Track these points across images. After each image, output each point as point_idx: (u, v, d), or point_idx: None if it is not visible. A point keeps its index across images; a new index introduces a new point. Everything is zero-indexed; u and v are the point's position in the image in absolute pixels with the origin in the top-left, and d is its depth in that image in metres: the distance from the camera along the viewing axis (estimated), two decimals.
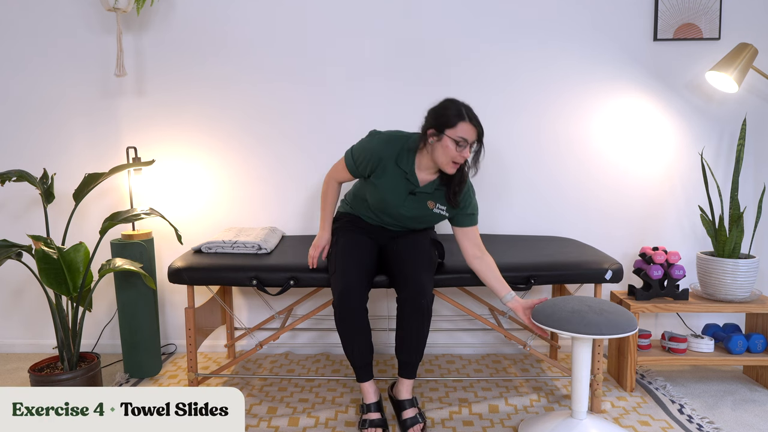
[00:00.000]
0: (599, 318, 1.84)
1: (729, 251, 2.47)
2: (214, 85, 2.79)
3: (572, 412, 2.01)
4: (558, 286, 2.73)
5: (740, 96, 2.76)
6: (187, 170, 2.85)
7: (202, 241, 2.42)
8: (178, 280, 2.20)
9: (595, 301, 1.94)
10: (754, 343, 2.45)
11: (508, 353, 2.89)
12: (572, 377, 1.99)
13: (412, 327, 2.01)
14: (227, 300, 2.73)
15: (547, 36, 2.74)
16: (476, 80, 2.77)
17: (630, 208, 2.85)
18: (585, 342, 1.94)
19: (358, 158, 2.09)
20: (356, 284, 1.99)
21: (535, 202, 2.85)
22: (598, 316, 1.85)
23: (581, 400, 1.98)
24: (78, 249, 2.17)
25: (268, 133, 2.82)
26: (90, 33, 2.77)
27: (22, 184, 2.80)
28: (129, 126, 2.83)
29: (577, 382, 1.97)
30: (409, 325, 2.01)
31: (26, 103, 2.83)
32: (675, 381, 2.56)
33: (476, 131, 1.95)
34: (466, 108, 1.97)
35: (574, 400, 1.99)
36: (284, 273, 2.17)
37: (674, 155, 2.82)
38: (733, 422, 2.19)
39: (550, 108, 2.79)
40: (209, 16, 2.75)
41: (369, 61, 2.77)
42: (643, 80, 2.77)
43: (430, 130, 1.97)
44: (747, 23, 2.71)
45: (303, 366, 2.76)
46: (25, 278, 2.90)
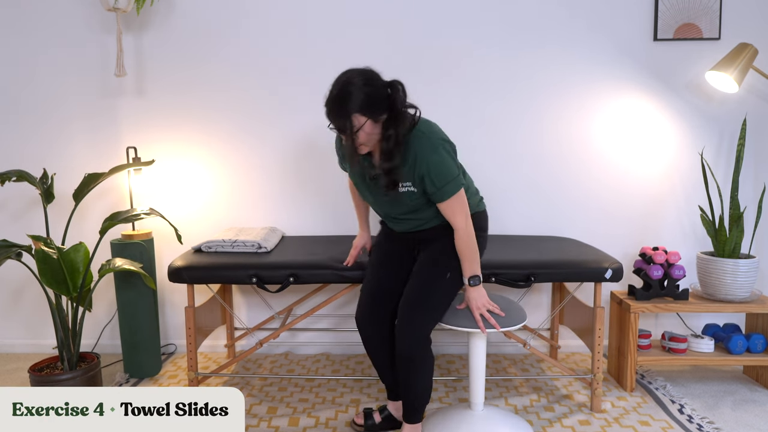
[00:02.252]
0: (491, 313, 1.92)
1: (729, 251, 2.47)
2: (215, 84, 2.79)
3: (470, 405, 2.06)
4: (558, 285, 2.73)
5: (740, 96, 2.76)
6: (187, 170, 2.85)
7: (202, 240, 2.42)
8: (178, 279, 2.20)
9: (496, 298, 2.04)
10: (754, 343, 2.45)
11: (508, 353, 2.89)
12: (469, 371, 2.03)
13: (401, 370, 1.88)
14: (227, 300, 2.73)
15: (546, 36, 2.74)
16: (477, 81, 2.77)
17: (630, 208, 2.85)
18: (479, 336, 1.98)
19: (337, 152, 2.04)
20: (367, 315, 1.99)
21: (535, 201, 2.84)
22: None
23: (478, 391, 2.04)
24: (78, 249, 2.17)
25: (268, 133, 2.82)
26: (90, 33, 2.77)
27: (22, 184, 2.79)
28: (129, 126, 2.82)
29: (474, 374, 2.02)
30: (399, 367, 1.89)
31: (26, 103, 2.82)
32: (675, 381, 2.56)
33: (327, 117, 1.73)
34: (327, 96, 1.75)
35: (472, 391, 2.04)
36: (284, 270, 2.17)
37: (674, 155, 2.82)
38: (733, 422, 2.19)
39: (551, 108, 2.79)
40: (209, 16, 2.75)
41: (369, 62, 2.76)
42: (643, 80, 2.77)
43: None
44: (747, 23, 2.71)
45: (303, 366, 2.76)
46: (25, 278, 2.90)
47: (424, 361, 1.87)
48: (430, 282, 1.87)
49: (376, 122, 1.73)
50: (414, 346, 1.83)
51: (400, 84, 1.77)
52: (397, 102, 1.74)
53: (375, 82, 1.74)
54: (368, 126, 1.72)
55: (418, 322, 1.84)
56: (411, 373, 1.86)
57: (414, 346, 1.83)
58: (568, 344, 2.88)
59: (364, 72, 1.75)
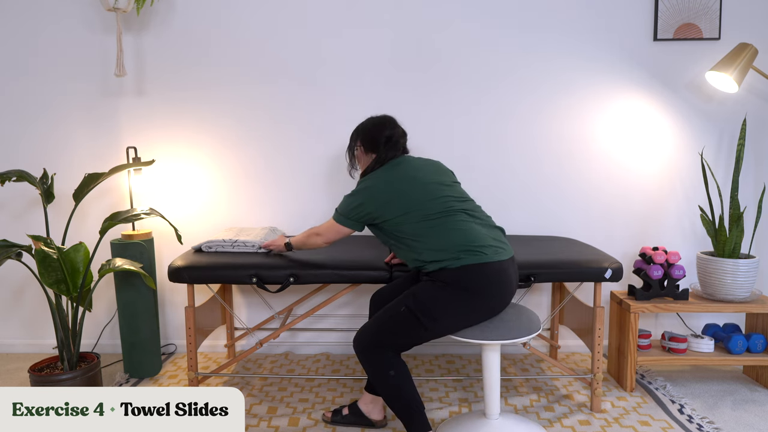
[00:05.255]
0: (501, 323, 1.90)
1: (729, 251, 2.47)
2: (214, 84, 2.79)
3: (486, 413, 2.04)
4: (558, 285, 2.73)
5: (740, 96, 2.76)
6: (187, 170, 2.85)
7: (202, 240, 2.42)
8: (178, 279, 2.19)
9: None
10: (754, 343, 2.45)
11: (508, 353, 2.89)
12: (483, 381, 2.02)
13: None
14: (227, 300, 2.73)
15: (546, 36, 2.74)
16: (476, 81, 2.77)
17: (630, 208, 2.85)
18: (494, 348, 1.97)
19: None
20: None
21: (535, 201, 2.84)
22: (501, 321, 1.91)
23: (493, 401, 2.02)
24: (78, 249, 2.17)
25: (269, 133, 2.82)
26: (90, 33, 2.77)
27: (22, 184, 2.80)
28: (129, 126, 2.83)
29: (489, 386, 2.01)
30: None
31: (26, 103, 2.82)
32: (675, 381, 2.56)
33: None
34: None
35: (487, 402, 2.02)
36: (284, 270, 2.17)
37: (674, 155, 2.82)
38: (733, 422, 2.19)
39: (551, 108, 2.79)
40: (209, 16, 2.75)
41: (370, 63, 2.77)
42: (643, 80, 2.77)
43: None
44: (747, 23, 2.71)
45: (303, 366, 2.76)
46: (25, 278, 2.90)
47: (368, 362, 1.92)
48: (390, 307, 1.94)
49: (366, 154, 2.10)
50: (356, 344, 1.94)
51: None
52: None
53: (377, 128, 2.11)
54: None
55: (364, 328, 1.96)
56: (364, 365, 1.94)
57: (356, 343, 1.94)
58: (568, 344, 2.88)
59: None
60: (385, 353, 1.89)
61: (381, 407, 2.16)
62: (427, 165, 2.05)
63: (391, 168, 2.01)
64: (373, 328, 1.92)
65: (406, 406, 1.88)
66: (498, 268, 1.86)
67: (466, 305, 1.86)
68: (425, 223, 1.89)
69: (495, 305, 1.90)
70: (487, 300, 1.87)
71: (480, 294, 1.85)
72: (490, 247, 1.86)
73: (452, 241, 1.86)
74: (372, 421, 2.15)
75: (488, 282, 1.85)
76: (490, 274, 1.85)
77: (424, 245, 1.89)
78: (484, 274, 1.84)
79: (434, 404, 2.33)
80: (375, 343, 1.90)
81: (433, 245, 1.88)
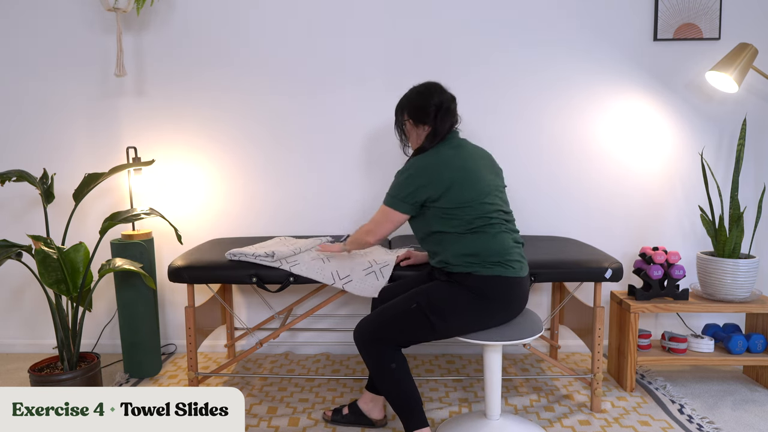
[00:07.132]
0: (504, 324, 1.91)
1: (729, 251, 2.47)
2: (214, 84, 2.79)
3: (486, 414, 2.04)
4: (558, 285, 2.73)
5: (740, 96, 2.76)
6: (187, 170, 2.85)
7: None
8: (178, 279, 2.20)
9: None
10: (754, 343, 2.45)
11: (508, 353, 2.89)
12: (484, 381, 2.02)
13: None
14: (227, 299, 2.73)
15: (546, 36, 2.74)
16: (477, 82, 2.77)
17: (630, 208, 2.85)
18: (495, 348, 1.97)
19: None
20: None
21: (535, 201, 2.84)
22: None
23: (494, 402, 2.02)
24: (78, 249, 2.17)
25: (269, 133, 2.82)
26: (90, 33, 2.77)
27: (22, 184, 2.80)
28: (129, 126, 2.82)
29: (490, 386, 2.01)
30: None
31: (26, 103, 2.82)
32: (675, 381, 2.56)
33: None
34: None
35: (488, 403, 2.03)
36: (284, 270, 2.17)
37: (674, 155, 2.82)
38: (733, 422, 2.19)
39: (551, 108, 2.79)
40: (209, 17, 2.75)
41: (370, 63, 2.77)
42: (643, 80, 2.77)
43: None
44: (747, 23, 2.71)
45: (303, 366, 2.76)
46: (25, 278, 2.90)
47: (368, 354, 1.90)
48: (398, 302, 1.92)
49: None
50: (357, 336, 1.92)
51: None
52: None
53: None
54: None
55: (366, 320, 1.93)
56: (364, 357, 1.92)
57: (357, 335, 1.92)
58: (568, 344, 2.88)
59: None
60: (387, 347, 1.89)
61: (381, 406, 2.16)
62: (483, 158, 1.96)
63: (453, 149, 1.89)
64: (377, 322, 1.90)
65: (405, 401, 1.89)
66: (520, 283, 1.88)
67: (481, 312, 1.86)
68: (469, 225, 1.84)
69: (506, 316, 1.91)
70: (503, 311, 1.89)
71: (498, 304, 1.87)
72: (518, 262, 1.87)
73: (489, 249, 1.83)
74: (372, 420, 2.15)
75: (510, 295, 1.87)
76: (513, 288, 1.86)
77: (457, 246, 1.84)
78: (509, 286, 1.85)
79: (434, 404, 2.33)
80: (377, 337, 1.89)
81: (468, 249, 1.84)
